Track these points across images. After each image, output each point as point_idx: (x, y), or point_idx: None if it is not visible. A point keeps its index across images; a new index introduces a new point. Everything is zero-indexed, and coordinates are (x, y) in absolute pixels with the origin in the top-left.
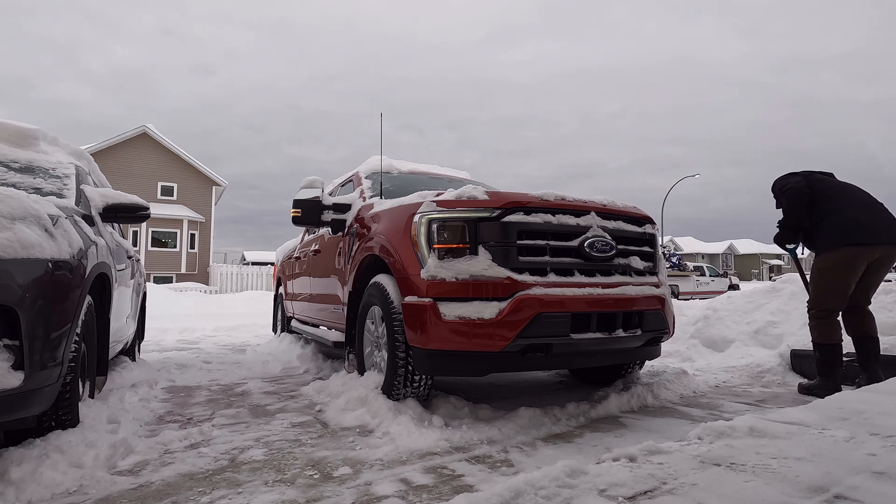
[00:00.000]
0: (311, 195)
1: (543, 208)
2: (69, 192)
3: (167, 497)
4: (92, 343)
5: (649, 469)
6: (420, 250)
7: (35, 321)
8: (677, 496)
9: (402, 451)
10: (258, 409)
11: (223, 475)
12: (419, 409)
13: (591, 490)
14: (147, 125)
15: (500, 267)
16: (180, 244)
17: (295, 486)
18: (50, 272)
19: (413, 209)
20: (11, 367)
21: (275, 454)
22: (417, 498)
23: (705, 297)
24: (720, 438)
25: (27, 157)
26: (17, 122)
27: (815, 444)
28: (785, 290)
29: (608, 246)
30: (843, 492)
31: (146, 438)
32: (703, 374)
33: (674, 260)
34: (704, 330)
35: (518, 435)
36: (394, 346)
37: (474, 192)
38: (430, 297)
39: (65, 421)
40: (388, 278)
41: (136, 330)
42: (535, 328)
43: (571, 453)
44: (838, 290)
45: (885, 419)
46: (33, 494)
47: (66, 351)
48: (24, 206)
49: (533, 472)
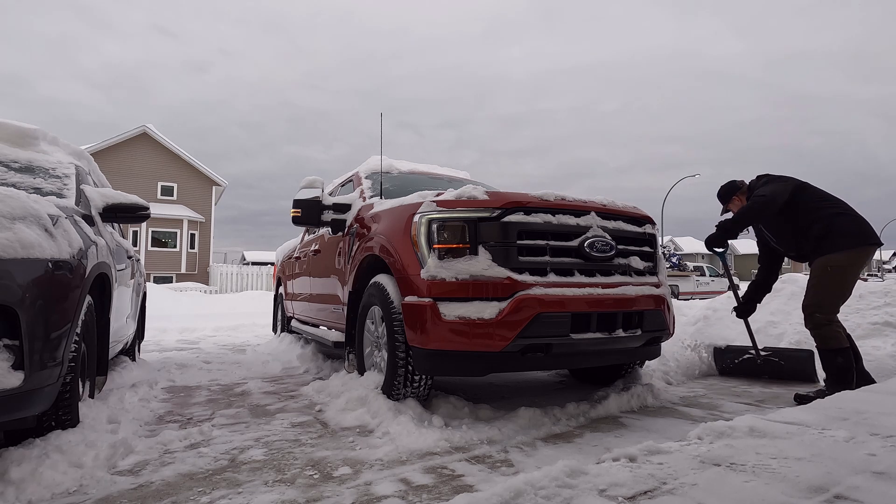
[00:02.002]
0: (311, 195)
1: (543, 208)
2: (69, 192)
3: (167, 497)
4: (92, 343)
5: (649, 469)
6: (420, 250)
7: (35, 321)
8: (677, 496)
9: (402, 451)
10: (258, 409)
11: (223, 475)
12: (419, 409)
13: (591, 490)
14: (147, 125)
15: (500, 267)
16: (180, 244)
17: (295, 486)
18: (50, 272)
19: (413, 209)
20: (11, 366)
21: (275, 454)
22: (417, 498)
23: (705, 297)
24: (720, 438)
25: (27, 157)
26: (16, 122)
27: (815, 444)
28: (785, 290)
29: (608, 246)
30: (843, 492)
31: (146, 438)
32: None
33: (674, 260)
34: (704, 330)
35: (518, 435)
36: (394, 346)
37: (474, 192)
38: (430, 297)
39: (65, 421)
40: (388, 278)
41: (136, 330)
42: (535, 328)
43: (571, 453)
44: (847, 290)
45: (885, 419)
46: (33, 494)
47: (66, 351)
48: (24, 206)
49: (533, 472)
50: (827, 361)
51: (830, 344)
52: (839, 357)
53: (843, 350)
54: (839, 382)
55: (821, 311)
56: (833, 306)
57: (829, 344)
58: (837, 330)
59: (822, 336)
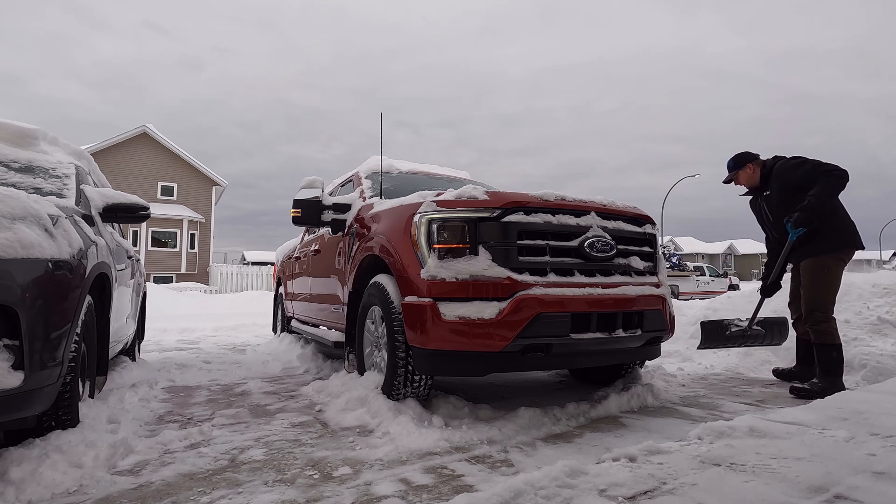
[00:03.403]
0: (311, 195)
1: (543, 208)
2: (69, 192)
3: (167, 497)
4: (92, 343)
5: (649, 469)
6: (420, 250)
7: (35, 321)
8: (677, 496)
9: (402, 451)
10: (258, 409)
11: (223, 475)
12: (419, 409)
13: (591, 490)
14: (147, 125)
15: (500, 267)
16: (180, 244)
17: (295, 486)
18: (50, 272)
19: (413, 209)
20: (11, 366)
21: (275, 454)
22: (417, 498)
23: (705, 297)
24: (720, 438)
25: (27, 157)
26: (16, 122)
27: (815, 444)
28: (785, 290)
29: (608, 246)
30: (843, 492)
31: (146, 438)
32: (703, 374)
33: (674, 260)
34: None
35: (518, 435)
36: (394, 346)
37: (474, 191)
38: (430, 297)
39: (65, 421)
40: (388, 278)
41: (136, 330)
42: (535, 328)
43: (571, 453)
44: (838, 289)
45: (885, 419)
46: (33, 494)
47: (66, 351)
48: (24, 206)
49: (533, 472)
50: (822, 355)
51: (827, 339)
52: (833, 352)
53: (838, 346)
54: (830, 374)
55: (820, 309)
56: (831, 304)
57: (826, 339)
58: (834, 327)
59: (821, 332)
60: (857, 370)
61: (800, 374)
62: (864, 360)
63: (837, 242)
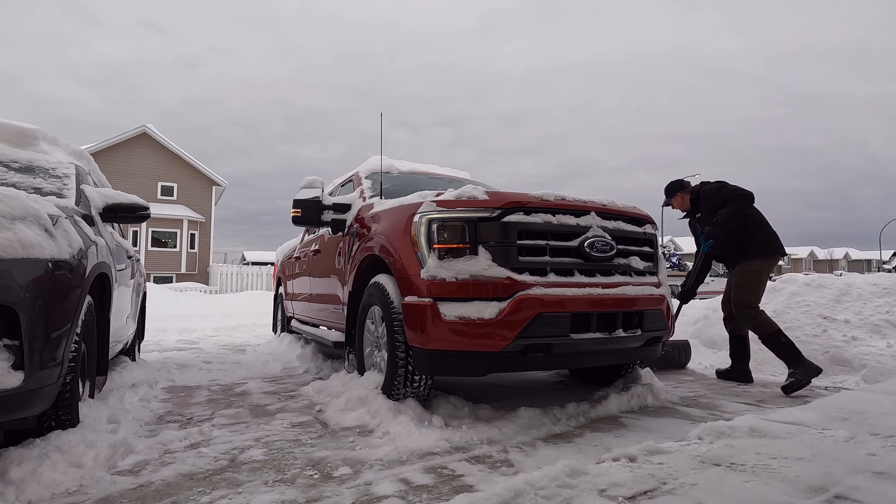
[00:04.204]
0: (311, 195)
1: (543, 208)
2: (69, 192)
3: (167, 497)
4: (92, 343)
5: (649, 469)
6: (420, 250)
7: (35, 321)
8: (677, 496)
9: (402, 451)
10: (258, 409)
11: (223, 475)
12: (419, 409)
13: (591, 490)
14: (147, 125)
15: (500, 267)
16: (180, 244)
17: (295, 486)
18: (50, 272)
19: (413, 209)
20: (11, 366)
21: (275, 454)
22: (417, 498)
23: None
24: (720, 438)
25: (27, 157)
26: (16, 122)
27: (815, 444)
28: (785, 290)
29: (608, 246)
30: (843, 492)
31: (146, 438)
32: (704, 373)
33: (674, 260)
34: (704, 330)
35: (518, 435)
36: (394, 346)
37: (474, 191)
38: (430, 297)
39: (65, 421)
40: (388, 278)
41: (136, 330)
42: (535, 328)
43: (571, 453)
44: (762, 290)
45: (885, 419)
46: (33, 494)
47: (66, 351)
48: (24, 206)
49: (533, 472)
50: (773, 345)
51: (766, 329)
52: (781, 338)
53: (779, 331)
54: (795, 359)
55: (747, 305)
56: (757, 300)
57: (766, 329)
58: (766, 316)
59: (759, 325)
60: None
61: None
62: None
63: (764, 251)
